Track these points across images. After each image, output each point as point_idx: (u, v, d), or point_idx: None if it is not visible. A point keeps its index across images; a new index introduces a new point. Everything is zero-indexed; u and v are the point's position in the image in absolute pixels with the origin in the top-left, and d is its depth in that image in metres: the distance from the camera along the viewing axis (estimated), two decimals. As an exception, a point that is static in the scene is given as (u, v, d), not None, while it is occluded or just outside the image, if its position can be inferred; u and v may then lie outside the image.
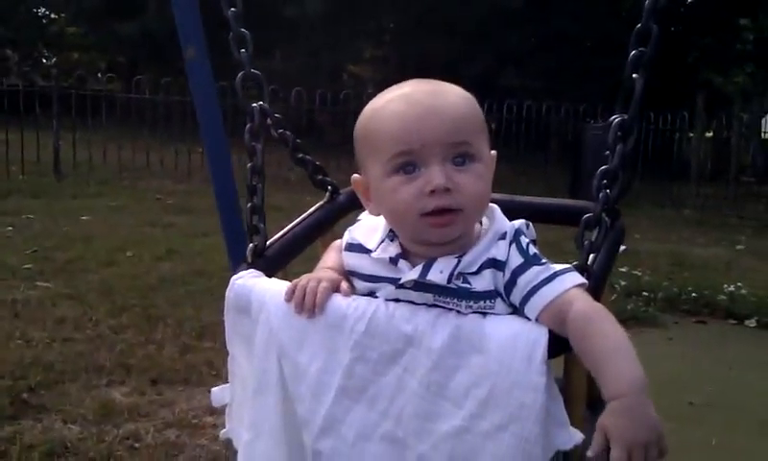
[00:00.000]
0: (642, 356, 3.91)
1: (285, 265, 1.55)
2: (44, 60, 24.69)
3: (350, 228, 1.44)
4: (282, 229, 1.62)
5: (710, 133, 14.19)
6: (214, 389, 1.48)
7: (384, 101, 1.30)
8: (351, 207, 1.68)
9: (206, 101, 2.32)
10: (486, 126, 1.32)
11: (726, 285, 5.71)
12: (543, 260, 1.26)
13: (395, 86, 1.32)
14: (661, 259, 6.94)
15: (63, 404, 3.13)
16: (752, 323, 5.14)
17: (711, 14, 17.31)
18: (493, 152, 1.34)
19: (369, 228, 1.39)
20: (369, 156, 1.30)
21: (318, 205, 1.77)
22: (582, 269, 1.31)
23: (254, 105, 1.60)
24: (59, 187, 9.77)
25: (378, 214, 1.34)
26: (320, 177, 1.79)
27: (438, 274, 1.25)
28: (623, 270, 6.04)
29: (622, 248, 5.34)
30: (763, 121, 16.59)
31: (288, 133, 1.71)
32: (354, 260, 1.38)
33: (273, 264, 1.50)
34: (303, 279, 1.34)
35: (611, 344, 1.15)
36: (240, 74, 1.60)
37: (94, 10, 21.61)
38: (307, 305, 1.30)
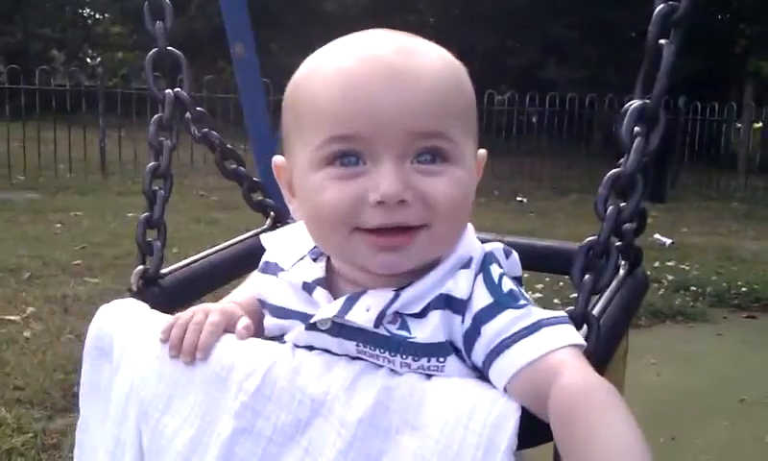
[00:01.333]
0: (692, 353, 3.85)
1: (188, 302, 1.14)
2: (89, 61, 25.23)
3: (267, 235, 1.08)
4: (210, 249, 1.32)
5: (759, 124, 13.83)
6: None
7: (327, 54, 0.90)
8: None
9: (254, 97, 2.35)
10: (475, 116, 0.93)
11: (777, 279, 5.56)
12: (522, 302, 0.86)
13: (348, 36, 0.92)
14: (710, 253, 6.78)
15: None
16: (804, 317, 5.00)
17: (761, 2, 16.84)
18: (482, 151, 0.96)
19: (292, 238, 1.02)
20: (294, 134, 0.91)
21: (253, 231, 1.40)
22: (579, 318, 0.92)
23: (168, 91, 1.28)
24: (105, 185, 9.97)
25: (301, 218, 0.97)
26: (258, 197, 1.40)
27: (363, 312, 0.87)
28: (670, 264, 5.93)
29: (668, 242, 5.24)
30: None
31: (214, 133, 1.35)
32: (265, 285, 1.01)
33: (169, 297, 1.15)
34: (189, 311, 0.99)
35: (612, 456, 0.71)
36: (152, 52, 1.28)
37: (138, 9, 21.93)
38: (186, 347, 0.94)
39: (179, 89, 1.26)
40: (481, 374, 0.87)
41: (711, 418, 3.36)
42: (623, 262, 1.05)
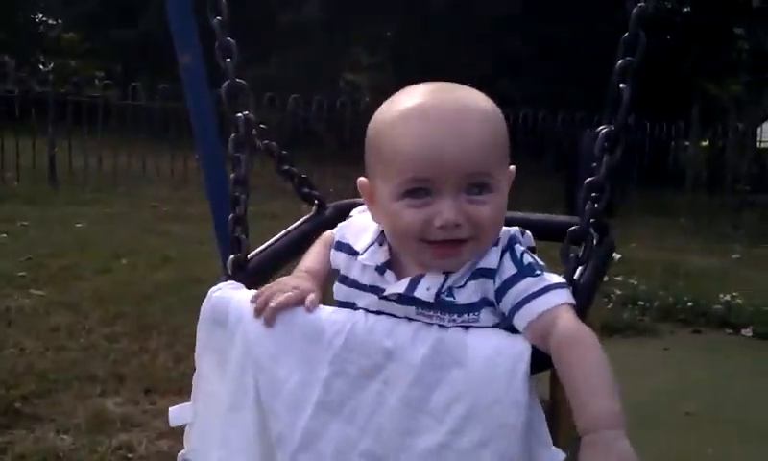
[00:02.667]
0: (638, 366, 3.93)
1: (267, 279, 1.50)
2: (41, 67, 24.68)
3: (341, 224, 1.41)
4: (276, 236, 1.61)
5: (706, 142, 14.23)
6: (172, 408, 1.41)
7: (402, 113, 1.21)
8: (338, 222, 1.62)
9: (201, 108, 2.31)
10: (507, 148, 1.25)
11: (722, 294, 5.71)
12: (538, 271, 1.21)
13: (413, 90, 1.23)
14: (657, 268, 6.94)
15: (56, 414, 3.11)
16: (748, 332, 5.15)
17: (706, 23, 17.38)
18: (512, 167, 1.28)
19: (360, 227, 1.35)
20: (379, 171, 1.24)
21: (304, 218, 1.73)
22: (567, 284, 1.25)
23: (239, 115, 1.57)
24: (54, 194, 9.75)
25: (381, 223, 1.29)
26: (306, 190, 1.74)
27: (425, 291, 1.21)
28: (619, 279, 6.03)
29: (616, 256, 5.31)
30: (759, 130, 16.64)
31: (274, 144, 1.66)
32: (341, 261, 1.34)
33: (254, 277, 1.46)
34: (274, 285, 1.31)
35: (590, 375, 1.10)
36: (225, 84, 1.57)
37: (91, 16, 21.65)
38: (267, 314, 1.26)
39: (247, 112, 1.57)
40: (505, 320, 1.20)
41: (658, 431, 3.43)
42: (596, 235, 1.36)
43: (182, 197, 9.90)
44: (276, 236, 1.61)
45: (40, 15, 27.48)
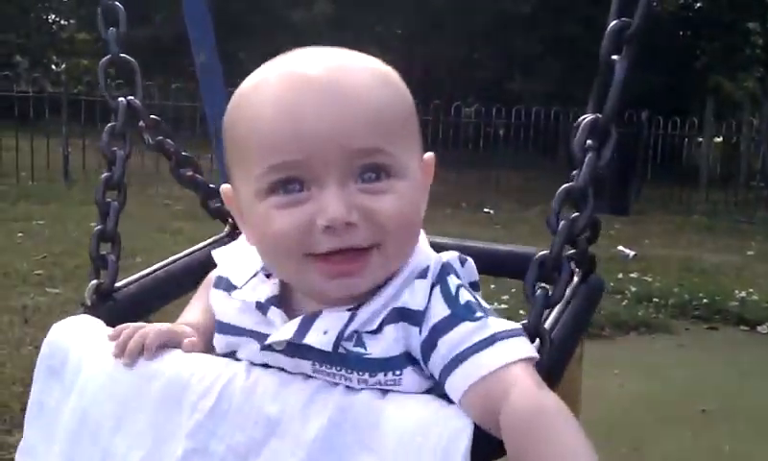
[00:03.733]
0: (654, 364, 3.90)
1: (145, 314, 1.17)
2: (54, 67, 24.85)
3: (215, 252, 1.07)
4: (164, 261, 1.30)
5: (720, 138, 14.14)
6: None
7: (257, 79, 0.89)
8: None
9: (217, 105, 2.32)
10: (415, 122, 0.92)
11: (737, 291, 5.68)
12: (479, 314, 0.86)
13: (282, 56, 0.91)
14: (672, 265, 6.89)
15: (73, 411, 3.13)
16: (764, 329, 5.10)
17: (720, 19, 17.26)
18: (429, 154, 0.95)
19: (241, 255, 1.00)
20: (235, 163, 0.90)
21: (210, 240, 1.37)
22: (532, 332, 0.91)
23: (121, 99, 1.25)
24: (68, 193, 9.81)
25: (252, 245, 0.94)
26: (215, 204, 1.37)
27: (320, 335, 0.87)
28: (633, 276, 6.02)
29: (631, 254, 5.34)
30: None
31: (170, 141, 1.32)
32: (217, 302, 1.00)
33: (124, 312, 1.12)
34: (137, 324, 0.99)
35: None
36: (105, 58, 1.25)
37: (103, 16, 21.74)
38: (131, 348, 0.94)
39: (131, 97, 1.23)
40: (437, 385, 0.87)
41: (673, 428, 3.41)
42: (577, 270, 1.04)
43: (194, 195, 9.92)
44: (164, 262, 1.28)
45: (53, 16, 27.66)
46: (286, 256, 0.86)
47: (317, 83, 0.83)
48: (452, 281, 0.88)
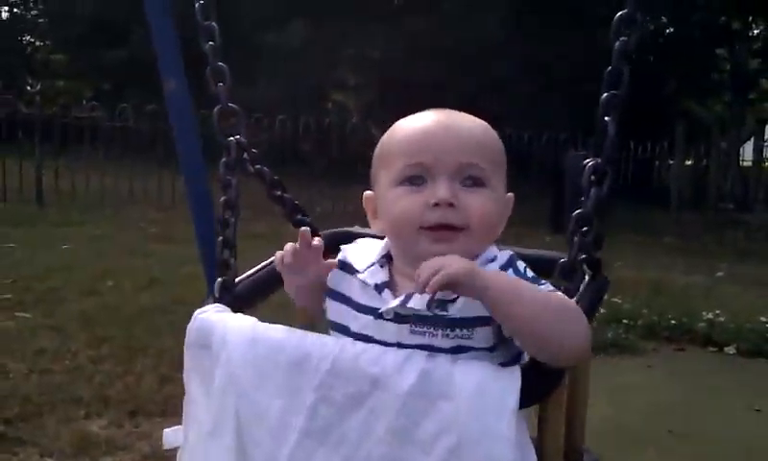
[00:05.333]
0: (623, 384, 3.94)
1: (255, 303, 1.51)
2: (29, 88, 24.66)
3: (344, 246, 1.41)
4: (264, 256, 1.58)
5: (690, 161, 14.40)
6: (166, 430, 1.43)
7: (403, 120, 1.33)
8: (329, 249, 1.62)
9: (186, 132, 2.35)
10: (505, 162, 1.31)
11: (705, 312, 5.75)
12: (543, 282, 1.26)
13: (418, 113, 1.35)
14: (641, 287, 6.98)
15: (41, 437, 3.10)
16: (731, 350, 5.18)
17: (689, 45, 17.63)
18: (510, 194, 1.33)
19: (363, 249, 1.37)
20: (381, 168, 1.31)
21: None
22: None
23: (231, 138, 1.59)
24: (41, 215, 9.72)
25: (383, 231, 1.33)
26: (298, 217, 1.74)
27: (417, 300, 1.20)
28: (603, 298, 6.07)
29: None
30: (741, 149, 16.86)
31: (266, 169, 1.68)
32: (339, 280, 1.34)
33: (241, 301, 1.46)
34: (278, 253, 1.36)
35: (533, 300, 1.17)
36: (217, 108, 1.59)
37: (79, 37, 21.66)
38: (286, 263, 1.33)
39: (239, 136, 1.59)
40: (501, 340, 1.21)
41: (640, 449, 3.46)
42: (588, 271, 1.38)
43: (169, 218, 9.88)
44: (264, 263, 1.59)
45: (28, 37, 27.50)
46: (406, 226, 1.24)
47: (444, 121, 1.28)
48: (520, 264, 1.28)
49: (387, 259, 1.31)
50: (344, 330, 1.30)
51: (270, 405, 1.23)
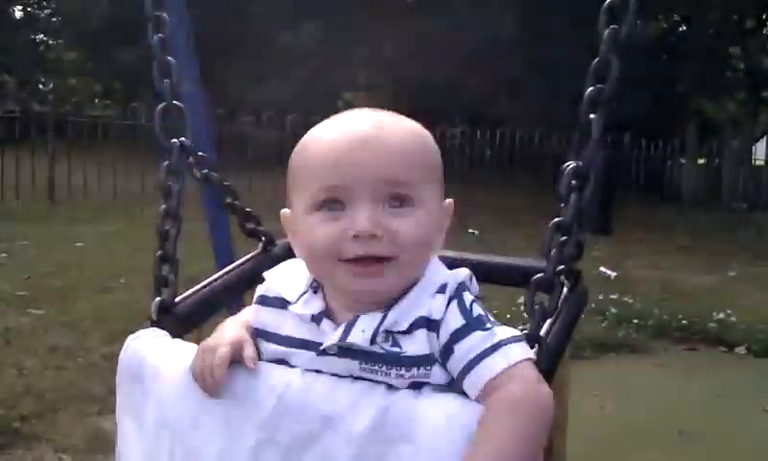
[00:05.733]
0: (633, 385, 3.95)
1: (200, 324, 1.37)
2: (41, 86, 24.84)
3: (266, 273, 1.21)
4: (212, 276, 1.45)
5: (702, 160, 14.33)
6: None
7: (318, 130, 1.13)
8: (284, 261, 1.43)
9: (200, 135, 2.37)
10: (439, 172, 1.13)
11: (716, 312, 5.75)
12: (488, 324, 1.05)
13: (335, 116, 1.15)
14: (652, 286, 6.97)
15: (54, 434, 3.14)
16: (742, 350, 5.17)
17: (701, 43, 17.53)
18: (449, 201, 1.16)
19: (289, 275, 1.17)
20: (294, 189, 1.13)
21: (248, 256, 1.55)
22: (533, 340, 1.10)
23: (174, 140, 1.44)
24: (53, 213, 9.80)
25: (300, 255, 1.16)
26: (251, 226, 1.58)
27: (359, 334, 1.04)
28: (614, 297, 6.07)
29: (612, 274, 5.38)
30: (754, 148, 16.75)
31: (214, 174, 1.53)
32: (268, 317, 1.16)
33: (184, 322, 1.30)
34: (199, 351, 1.14)
35: (494, 441, 0.97)
36: (161, 106, 1.44)
37: (92, 36, 21.78)
38: (209, 390, 1.10)
39: (183, 139, 1.46)
40: (454, 382, 1.05)
41: (650, 449, 3.46)
42: (566, 282, 1.24)
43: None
44: (212, 277, 1.45)
45: (41, 35, 27.67)
46: (323, 259, 1.06)
47: (363, 133, 1.07)
48: (467, 297, 1.08)
49: (318, 283, 1.15)
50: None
51: (207, 447, 1.09)
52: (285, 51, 17.76)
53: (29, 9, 27.53)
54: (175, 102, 1.45)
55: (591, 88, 1.20)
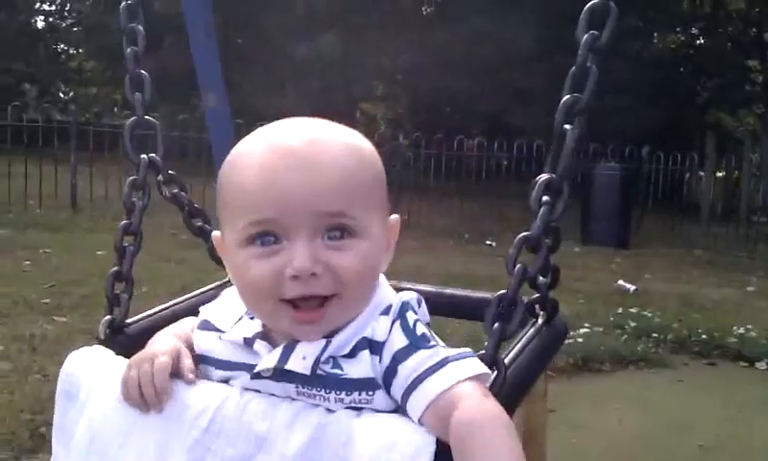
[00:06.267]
0: (652, 399, 3.94)
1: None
2: (62, 95, 25.13)
3: (203, 309, 1.17)
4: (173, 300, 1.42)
5: (721, 173, 14.25)
6: None
7: (247, 147, 1.02)
8: None
9: (225, 146, 2.41)
10: (381, 190, 1.04)
11: (736, 327, 5.71)
12: (432, 343, 0.99)
13: (267, 126, 1.04)
14: (671, 300, 6.94)
15: (80, 439, 3.18)
16: (762, 365, 5.13)
17: (720, 56, 17.46)
18: (394, 217, 1.08)
19: (227, 306, 1.12)
20: (223, 213, 1.04)
21: (214, 284, 1.52)
22: (489, 362, 1.03)
23: (143, 156, 1.41)
24: (76, 221, 9.91)
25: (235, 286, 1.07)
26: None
27: (300, 361, 0.99)
28: (633, 311, 6.06)
29: (632, 288, 5.39)
30: (774, 161, 16.64)
31: (183, 193, 1.49)
32: (206, 342, 1.11)
33: (133, 345, 1.20)
34: (133, 362, 1.07)
35: None
36: (131, 120, 1.41)
37: (112, 45, 22.03)
38: (149, 399, 1.03)
39: (153, 155, 1.40)
40: (399, 406, 0.99)
41: None
42: (541, 312, 1.17)
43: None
44: (173, 301, 1.42)
45: (62, 45, 28.02)
46: (261, 300, 0.99)
47: (294, 153, 0.97)
48: (410, 317, 1.02)
49: None
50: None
51: None
52: (303, 62, 17.87)
53: (50, 19, 27.91)
54: (147, 117, 1.41)
55: (568, 97, 1.16)
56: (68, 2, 27.82)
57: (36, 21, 27.41)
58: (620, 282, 7.31)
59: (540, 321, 1.16)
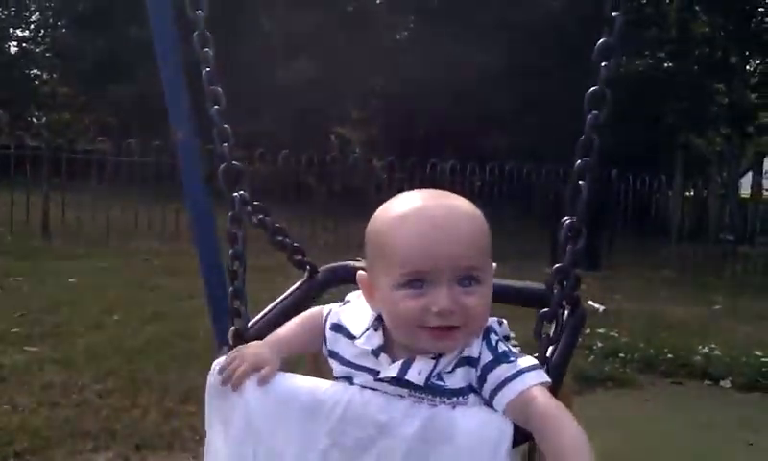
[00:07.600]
0: (620, 419, 4.02)
1: None
2: (35, 121, 24.95)
3: (338, 309, 1.51)
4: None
5: (689, 194, 14.52)
6: None
7: (400, 215, 1.36)
8: (328, 286, 1.79)
9: (194, 181, 2.45)
10: (490, 242, 1.39)
11: (701, 346, 5.83)
12: (512, 358, 1.34)
13: (407, 195, 1.39)
14: (639, 320, 7.06)
15: (49, 470, 3.18)
16: (726, 383, 5.25)
17: (687, 79, 17.84)
18: (494, 265, 1.41)
19: (356, 312, 1.46)
20: (380, 266, 1.37)
21: (296, 285, 1.84)
22: (541, 362, 1.38)
23: (236, 194, 1.69)
24: (47, 249, 9.83)
25: (380, 311, 1.40)
26: (299, 257, 1.84)
27: (416, 374, 1.32)
28: (601, 331, 6.16)
29: (600, 308, 5.49)
30: (740, 181, 16.99)
31: (267, 218, 1.77)
32: (337, 342, 1.46)
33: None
34: (236, 356, 1.43)
35: (567, 447, 1.22)
36: (222, 167, 1.69)
37: (86, 71, 21.99)
38: (226, 382, 1.41)
39: (242, 192, 1.70)
40: (488, 403, 1.34)
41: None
42: (567, 306, 1.50)
43: (174, 251, 9.99)
44: (272, 304, 1.71)
45: (35, 70, 27.88)
46: (408, 326, 1.32)
47: (439, 224, 1.32)
48: (493, 338, 1.36)
49: (380, 321, 1.40)
50: (348, 381, 1.42)
51: (285, 450, 1.35)
52: (278, 87, 17.95)
53: (23, 44, 27.80)
54: (234, 162, 1.69)
55: (579, 162, 1.49)
56: (42, 28, 27.74)
57: (9, 47, 27.28)
58: (589, 303, 7.41)
59: (567, 313, 1.49)
